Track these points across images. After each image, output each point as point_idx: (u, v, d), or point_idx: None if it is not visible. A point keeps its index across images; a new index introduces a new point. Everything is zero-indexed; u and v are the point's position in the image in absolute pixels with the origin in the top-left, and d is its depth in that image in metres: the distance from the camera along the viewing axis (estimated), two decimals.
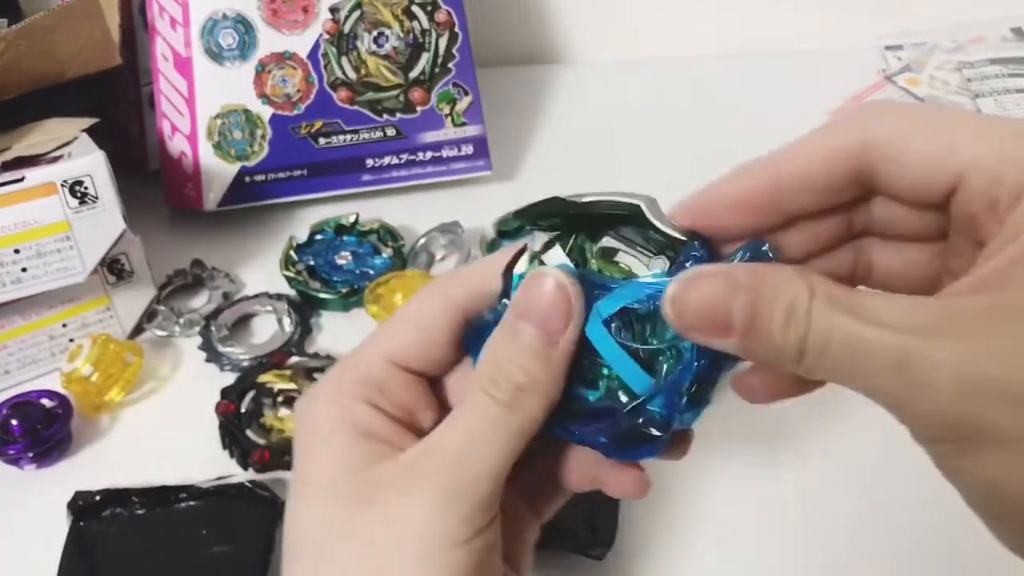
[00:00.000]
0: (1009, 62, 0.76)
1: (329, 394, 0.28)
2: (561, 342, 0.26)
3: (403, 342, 0.29)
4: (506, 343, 0.27)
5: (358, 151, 0.71)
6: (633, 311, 0.27)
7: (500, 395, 0.26)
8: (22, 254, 0.53)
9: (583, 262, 0.28)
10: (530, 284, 0.27)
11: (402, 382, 0.29)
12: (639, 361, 0.27)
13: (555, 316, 0.26)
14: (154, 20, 0.67)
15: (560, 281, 0.26)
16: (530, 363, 0.26)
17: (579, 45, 0.93)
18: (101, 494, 0.48)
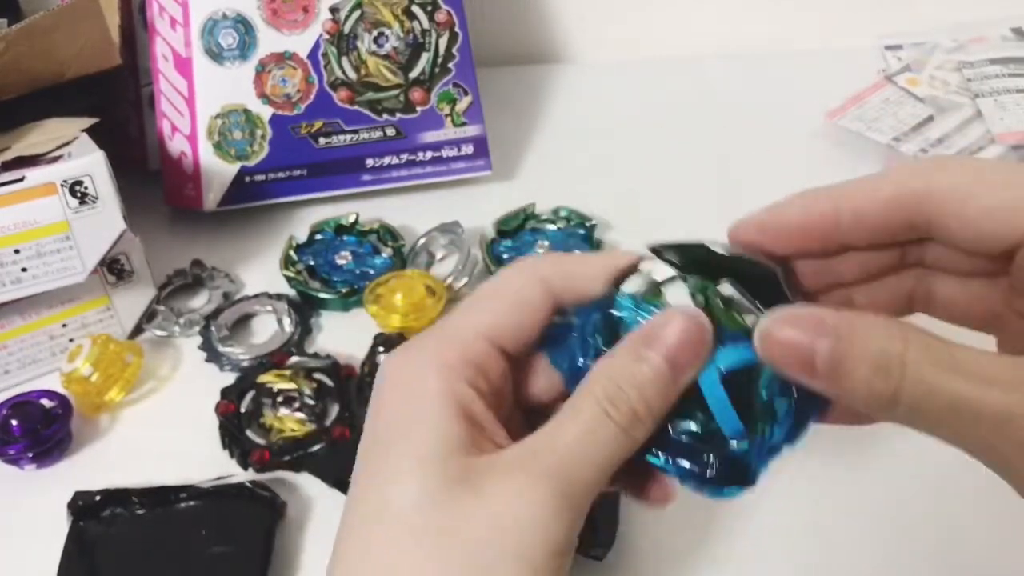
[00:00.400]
0: (1009, 62, 0.76)
1: (438, 366, 0.28)
2: (683, 379, 0.27)
3: (501, 321, 0.29)
4: (629, 367, 0.27)
5: (358, 151, 0.71)
6: (747, 369, 0.27)
7: (619, 417, 0.26)
8: (22, 254, 0.53)
9: (706, 305, 0.29)
10: (668, 317, 0.27)
11: (498, 365, 0.29)
12: (738, 410, 0.27)
13: (686, 354, 0.27)
14: (154, 20, 0.67)
15: (700, 323, 0.27)
16: (652, 393, 0.26)
17: (579, 45, 0.93)
18: (101, 494, 0.48)
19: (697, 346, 0.27)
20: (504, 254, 0.65)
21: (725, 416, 0.27)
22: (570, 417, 0.27)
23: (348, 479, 0.47)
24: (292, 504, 0.49)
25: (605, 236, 0.66)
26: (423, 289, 0.59)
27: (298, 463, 0.51)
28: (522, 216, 0.67)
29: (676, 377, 0.27)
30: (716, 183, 0.72)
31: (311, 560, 0.47)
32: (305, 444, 0.51)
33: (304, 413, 0.53)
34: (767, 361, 0.26)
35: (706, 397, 0.27)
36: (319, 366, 0.56)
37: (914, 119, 0.72)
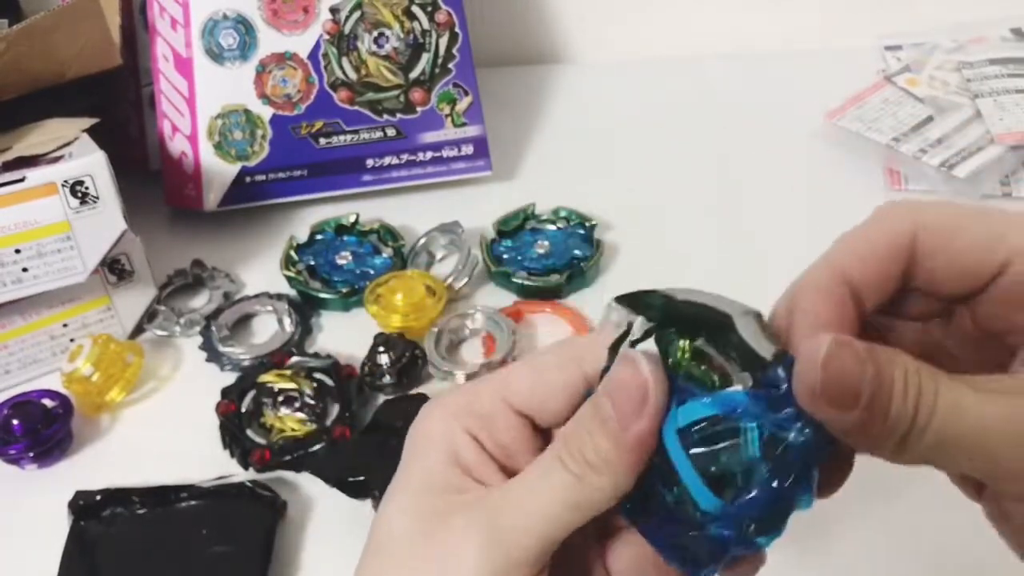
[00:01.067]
0: (1009, 62, 0.76)
1: (443, 414, 0.30)
2: (634, 427, 0.26)
3: (519, 387, 0.30)
4: (587, 416, 0.27)
5: (358, 151, 0.71)
6: (713, 425, 0.26)
7: (572, 464, 0.27)
8: (23, 254, 0.53)
9: (675, 360, 0.28)
10: (619, 365, 0.27)
11: (510, 423, 0.30)
12: (710, 478, 0.26)
13: (632, 400, 0.26)
14: (154, 20, 0.68)
15: (640, 367, 0.26)
16: (604, 442, 0.26)
17: (579, 45, 0.93)
18: (102, 494, 0.49)
19: (640, 392, 0.26)
20: (504, 254, 0.65)
21: (690, 481, 0.26)
22: (534, 464, 0.28)
23: (348, 479, 0.48)
24: (292, 504, 0.49)
25: (605, 236, 0.66)
26: (423, 289, 0.59)
27: (298, 463, 0.51)
28: (522, 216, 0.67)
29: (625, 424, 0.26)
30: (716, 183, 0.72)
31: (311, 559, 0.47)
32: (305, 444, 0.51)
33: (304, 413, 0.53)
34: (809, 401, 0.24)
35: (671, 459, 0.26)
36: (319, 366, 0.56)
37: (914, 119, 0.73)
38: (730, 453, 0.25)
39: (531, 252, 0.64)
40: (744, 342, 0.26)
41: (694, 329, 0.28)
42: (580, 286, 0.63)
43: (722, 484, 0.26)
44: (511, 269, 0.63)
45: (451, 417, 0.30)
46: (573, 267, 0.63)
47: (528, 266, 0.63)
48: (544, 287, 0.62)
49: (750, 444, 0.25)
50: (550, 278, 0.62)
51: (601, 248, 0.64)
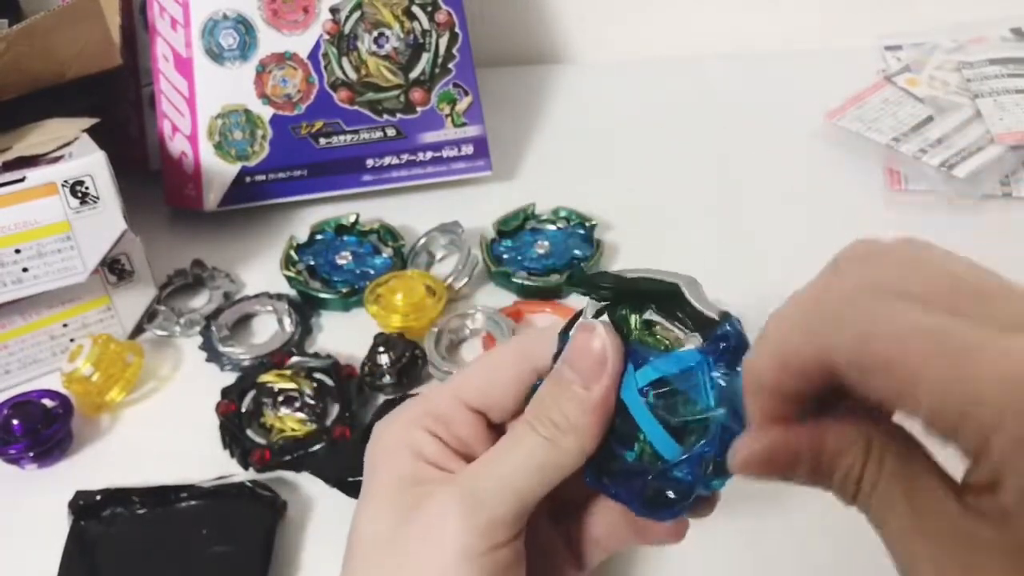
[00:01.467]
0: (1009, 62, 0.76)
1: (400, 420, 0.32)
2: (595, 389, 0.29)
3: (472, 385, 0.32)
4: (551, 386, 0.30)
5: (358, 151, 0.71)
6: (669, 382, 0.29)
7: (541, 429, 0.29)
8: (23, 254, 0.53)
9: (628, 332, 0.31)
10: (576, 336, 0.30)
11: (466, 419, 0.32)
12: (670, 429, 0.29)
13: (592, 363, 0.29)
14: (154, 20, 0.68)
15: (599, 332, 0.29)
16: (569, 406, 0.29)
17: (579, 45, 0.93)
18: (102, 494, 0.49)
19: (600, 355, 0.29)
20: (504, 254, 0.65)
21: (655, 434, 0.29)
22: (504, 438, 0.30)
23: (348, 479, 0.47)
24: (292, 504, 0.49)
25: (605, 236, 0.66)
26: (423, 289, 0.59)
27: (298, 463, 0.51)
28: (522, 216, 0.67)
29: (588, 386, 0.29)
30: (716, 183, 0.72)
31: (311, 559, 0.47)
32: (305, 444, 0.51)
33: (304, 413, 0.53)
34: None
35: (634, 417, 0.29)
36: (319, 366, 0.56)
37: (913, 119, 0.73)
38: (688, 404, 0.29)
39: (531, 252, 0.64)
40: (693, 305, 0.29)
41: (643, 303, 0.31)
42: None
43: (681, 434, 0.29)
44: (511, 269, 0.63)
45: (407, 423, 0.31)
46: (573, 267, 0.63)
47: (528, 266, 0.63)
48: (544, 287, 0.62)
49: (706, 393, 0.28)
50: (550, 278, 0.62)
51: (601, 248, 0.64)
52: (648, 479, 0.29)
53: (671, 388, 0.29)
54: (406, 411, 0.32)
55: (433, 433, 0.31)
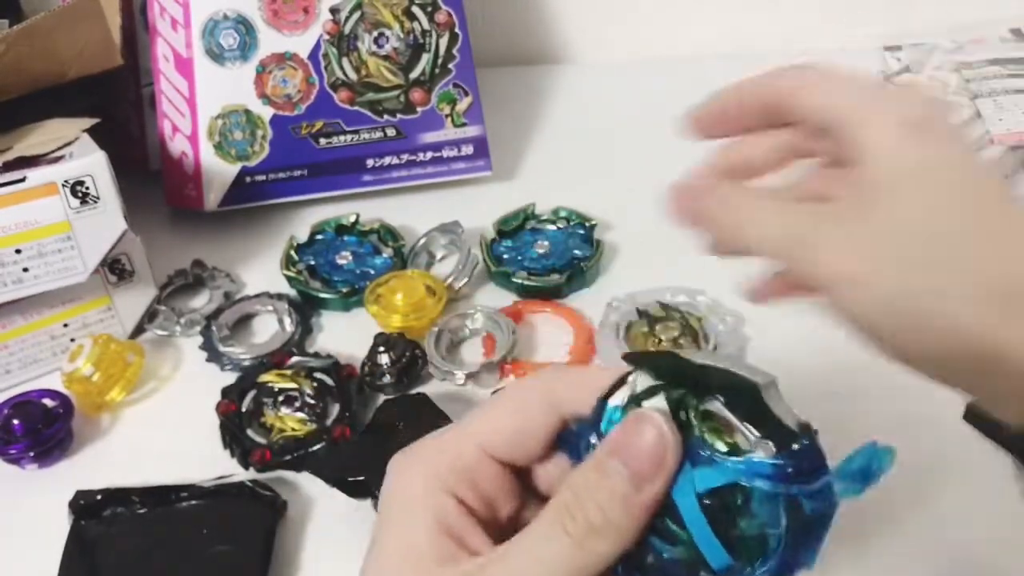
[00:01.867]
0: (1008, 63, 0.76)
1: (422, 472, 0.28)
2: (647, 489, 0.26)
3: (499, 433, 0.29)
4: (591, 478, 0.26)
5: (358, 151, 0.71)
6: (734, 490, 0.26)
7: (573, 529, 0.26)
8: (23, 254, 0.53)
9: (685, 420, 0.27)
10: (630, 424, 0.26)
11: (492, 473, 0.29)
12: (725, 540, 0.26)
13: (649, 463, 0.26)
14: (155, 21, 0.68)
15: (662, 429, 0.26)
16: (610, 505, 0.26)
17: (579, 45, 0.93)
18: (102, 493, 0.49)
19: (661, 452, 0.26)
20: (504, 254, 0.65)
21: (706, 543, 0.26)
22: (530, 528, 0.27)
23: (348, 478, 0.48)
24: (293, 503, 0.49)
25: (605, 236, 0.66)
26: (423, 289, 0.60)
27: (299, 462, 0.51)
28: (522, 216, 0.67)
29: (639, 486, 0.25)
30: None
31: (311, 559, 0.47)
32: (306, 443, 0.51)
33: (305, 413, 0.53)
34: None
35: (685, 520, 0.26)
36: (320, 366, 0.56)
37: None
38: (748, 517, 0.25)
39: (531, 252, 0.65)
40: (770, 409, 0.26)
41: (705, 391, 0.27)
42: (580, 286, 0.63)
43: (733, 544, 0.26)
44: (511, 269, 0.63)
45: (433, 478, 0.28)
46: (573, 267, 0.63)
47: (528, 266, 0.63)
48: (544, 287, 0.62)
49: (772, 510, 0.25)
50: (550, 278, 0.62)
51: (601, 248, 0.64)
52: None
53: (732, 496, 0.25)
54: (429, 462, 0.29)
55: (458, 497, 0.28)
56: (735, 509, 0.25)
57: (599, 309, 0.60)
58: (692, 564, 0.26)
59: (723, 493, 0.26)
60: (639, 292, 0.60)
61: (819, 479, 0.25)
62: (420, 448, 0.30)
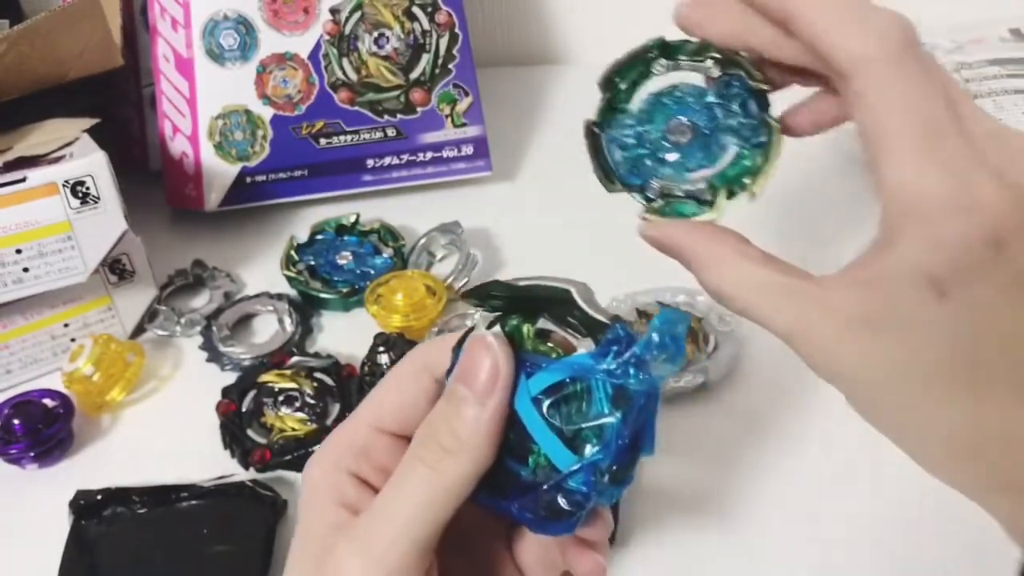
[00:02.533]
0: (1008, 63, 0.76)
1: (323, 462, 0.31)
2: (489, 404, 0.28)
3: (383, 408, 0.31)
4: (442, 407, 0.29)
5: (359, 151, 0.71)
6: (562, 390, 0.28)
7: (427, 456, 0.28)
8: (24, 254, 0.53)
9: (520, 341, 0.30)
10: (467, 351, 0.29)
11: (384, 446, 0.31)
12: (564, 439, 0.28)
13: (486, 378, 0.28)
14: (155, 21, 0.68)
15: (492, 346, 0.28)
16: (460, 425, 0.28)
17: (579, 45, 0.93)
18: (102, 493, 0.49)
19: (492, 367, 0.28)
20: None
21: (549, 445, 0.28)
22: (395, 472, 0.29)
23: None
24: (293, 503, 0.49)
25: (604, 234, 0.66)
26: (423, 289, 0.60)
27: (299, 462, 0.51)
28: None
29: (482, 402, 0.28)
30: None
31: None
32: (306, 443, 0.51)
33: (305, 412, 0.53)
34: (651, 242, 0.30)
35: (528, 429, 0.28)
36: (320, 366, 0.56)
37: None
38: (581, 411, 0.28)
39: None
40: (584, 311, 0.29)
41: (535, 311, 0.30)
42: None
43: (575, 443, 0.28)
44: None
45: (329, 463, 0.31)
46: None
47: None
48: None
49: (599, 398, 0.28)
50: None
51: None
52: (541, 493, 0.28)
53: (564, 395, 0.28)
54: (328, 451, 0.31)
55: (354, 473, 0.30)
56: (569, 407, 0.28)
57: None
58: (547, 479, 0.28)
59: (556, 394, 0.28)
60: (639, 292, 0.60)
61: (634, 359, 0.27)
62: (322, 445, 0.32)
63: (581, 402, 0.28)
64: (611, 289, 0.61)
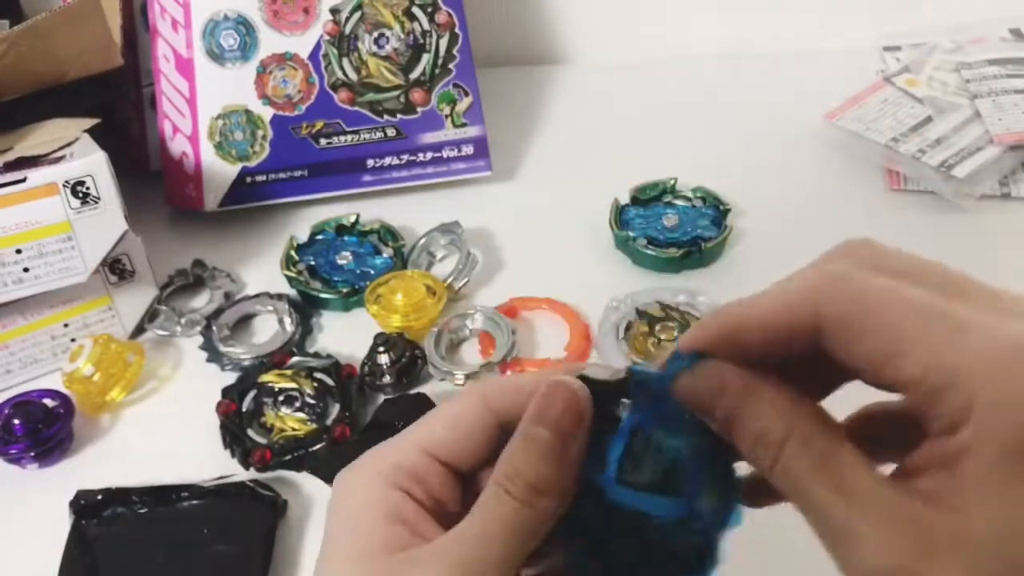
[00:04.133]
0: (1008, 63, 0.76)
1: (369, 474, 0.30)
2: (572, 446, 0.28)
3: (439, 437, 0.30)
4: (519, 446, 0.28)
5: (359, 152, 0.71)
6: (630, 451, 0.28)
7: (515, 491, 0.28)
8: (24, 254, 0.53)
9: None
10: (545, 392, 0.28)
11: (436, 473, 0.30)
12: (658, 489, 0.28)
13: (567, 417, 0.28)
14: (155, 21, 0.68)
15: (573, 389, 0.28)
16: (543, 464, 0.28)
17: (579, 45, 0.93)
18: (103, 493, 0.49)
19: (576, 408, 0.28)
20: (633, 219, 0.67)
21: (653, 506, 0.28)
22: (476, 505, 0.28)
23: None
24: (293, 503, 0.49)
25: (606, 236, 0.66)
26: (423, 289, 0.60)
27: (299, 462, 0.51)
28: (660, 188, 0.69)
29: (564, 442, 0.28)
30: (715, 183, 0.72)
31: (312, 559, 0.47)
32: (306, 443, 0.51)
33: (305, 412, 0.53)
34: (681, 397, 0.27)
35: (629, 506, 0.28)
36: (320, 366, 0.56)
37: (913, 120, 0.73)
38: (656, 459, 0.28)
39: (659, 224, 0.66)
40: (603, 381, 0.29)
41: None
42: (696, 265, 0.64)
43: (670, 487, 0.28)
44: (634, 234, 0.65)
45: (379, 478, 0.30)
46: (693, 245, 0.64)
47: (652, 235, 0.65)
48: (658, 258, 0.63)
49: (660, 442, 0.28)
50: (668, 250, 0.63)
51: (728, 231, 0.65)
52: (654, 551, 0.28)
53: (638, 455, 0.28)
54: (374, 465, 0.30)
55: (407, 492, 0.29)
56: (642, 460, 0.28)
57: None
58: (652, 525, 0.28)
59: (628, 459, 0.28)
60: (639, 292, 0.60)
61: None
62: (363, 458, 0.31)
63: (650, 452, 0.28)
64: (610, 290, 0.61)
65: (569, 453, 0.28)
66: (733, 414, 0.25)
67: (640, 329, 0.58)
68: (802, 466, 0.24)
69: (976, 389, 0.21)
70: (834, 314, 0.24)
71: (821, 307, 0.24)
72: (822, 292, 0.24)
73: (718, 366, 0.26)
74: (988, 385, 0.21)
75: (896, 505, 0.22)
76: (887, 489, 0.22)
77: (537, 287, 0.62)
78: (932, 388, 0.22)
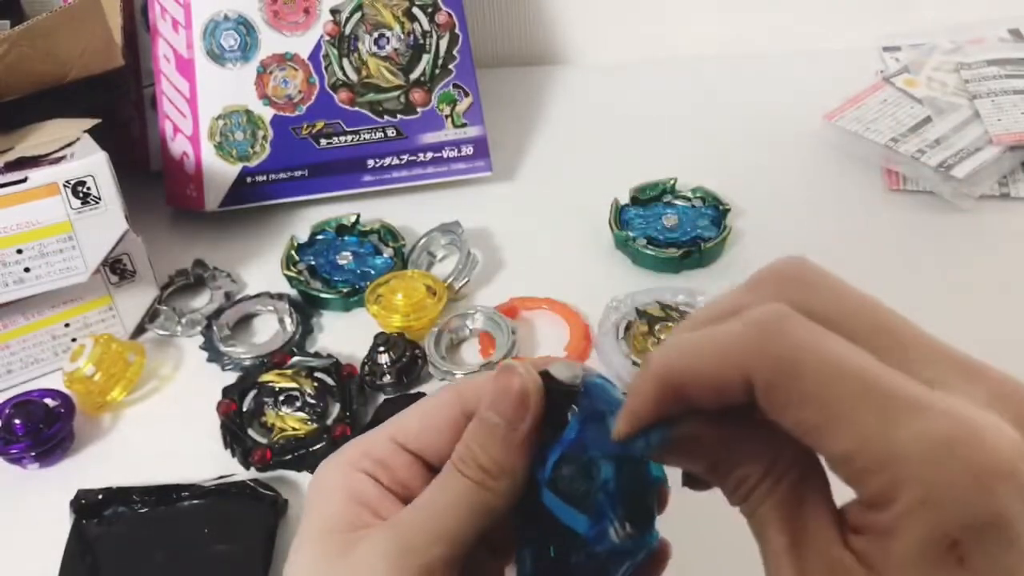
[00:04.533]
0: (1007, 63, 0.77)
1: (338, 461, 0.32)
2: (520, 428, 0.29)
3: (409, 428, 0.32)
4: (474, 428, 0.30)
5: (359, 152, 0.71)
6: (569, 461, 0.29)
7: (469, 471, 0.29)
8: (25, 254, 0.53)
9: None
10: (499, 378, 0.29)
11: (403, 461, 0.32)
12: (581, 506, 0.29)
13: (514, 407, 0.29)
14: (156, 21, 0.68)
15: (523, 377, 0.29)
16: (495, 448, 0.29)
17: (579, 45, 0.93)
18: (103, 493, 0.49)
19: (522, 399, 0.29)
20: (633, 219, 0.67)
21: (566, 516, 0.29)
22: (432, 483, 0.30)
23: None
24: (294, 503, 0.49)
25: (600, 229, 0.67)
26: (424, 289, 0.60)
27: (299, 462, 0.51)
28: (660, 188, 0.69)
29: (514, 427, 0.29)
30: (715, 183, 0.72)
31: None
32: (306, 443, 0.51)
33: (305, 412, 0.54)
34: None
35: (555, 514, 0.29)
36: (320, 365, 0.56)
37: (912, 120, 0.73)
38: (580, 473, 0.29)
39: (658, 223, 0.66)
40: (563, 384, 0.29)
41: None
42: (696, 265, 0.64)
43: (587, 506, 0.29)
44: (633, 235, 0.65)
45: (346, 464, 0.31)
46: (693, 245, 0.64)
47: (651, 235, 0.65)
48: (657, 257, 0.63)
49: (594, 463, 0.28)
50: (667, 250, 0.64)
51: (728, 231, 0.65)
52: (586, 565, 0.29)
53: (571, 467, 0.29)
54: (345, 453, 0.32)
55: (372, 475, 0.31)
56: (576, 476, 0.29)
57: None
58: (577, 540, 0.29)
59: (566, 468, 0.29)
60: (639, 292, 0.60)
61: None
62: (341, 448, 0.32)
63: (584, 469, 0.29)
64: (610, 290, 0.61)
65: (517, 440, 0.29)
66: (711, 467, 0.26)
67: (640, 329, 0.58)
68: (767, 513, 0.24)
69: (903, 480, 0.21)
70: (764, 378, 0.22)
71: (751, 368, 0.23)
72: (751, 351, 0.23)
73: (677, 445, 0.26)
74: (914, 481, 0.20)
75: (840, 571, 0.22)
76: (837, 551, 0.23)
77: (537, 287, 0.62)
78: (859, 469, 0.21)
